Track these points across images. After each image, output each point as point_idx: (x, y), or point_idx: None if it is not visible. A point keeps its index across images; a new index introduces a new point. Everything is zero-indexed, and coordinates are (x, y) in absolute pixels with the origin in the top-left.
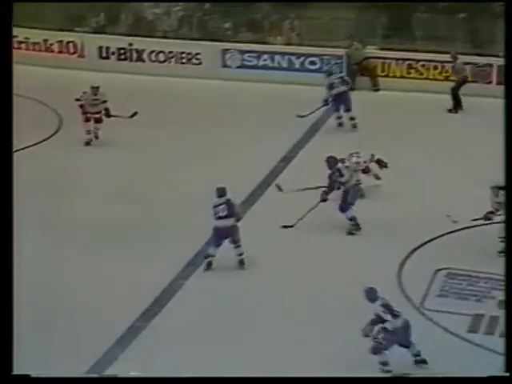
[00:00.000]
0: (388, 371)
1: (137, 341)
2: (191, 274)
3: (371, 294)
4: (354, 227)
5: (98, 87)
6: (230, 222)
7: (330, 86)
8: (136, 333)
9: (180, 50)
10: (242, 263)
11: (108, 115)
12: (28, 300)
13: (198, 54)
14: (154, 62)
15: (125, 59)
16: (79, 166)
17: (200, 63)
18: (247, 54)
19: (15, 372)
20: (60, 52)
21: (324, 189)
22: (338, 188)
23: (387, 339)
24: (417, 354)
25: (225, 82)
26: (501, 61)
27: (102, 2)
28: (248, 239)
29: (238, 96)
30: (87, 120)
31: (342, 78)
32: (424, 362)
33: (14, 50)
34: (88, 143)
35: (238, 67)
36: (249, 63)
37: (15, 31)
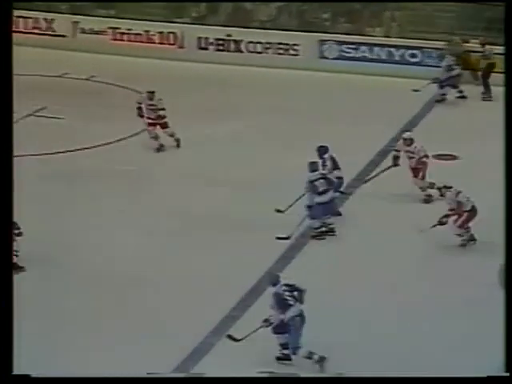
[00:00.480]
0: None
1: (233, 330)
2: (285, 265)
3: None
4: None
5: (153, 92)
6: (328, 196)
7: (448, 68)
8: (232, 322)
9: (277, 40)
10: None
11: (163, 126)
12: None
13: (295, 44)
14: (251, 52)
15: (223, 50)
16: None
17: (297, 54)
18: (345, 46)
19: (15, 372)
20: (161, 43)
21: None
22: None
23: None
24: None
25: (322, 74)
26: None
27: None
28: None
29: (335, 88)
30: (151, 125)
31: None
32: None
33: (115, 42)
34: (159, 149)
35: (336, 58)
36: (347, 55)
37: (116, 23)
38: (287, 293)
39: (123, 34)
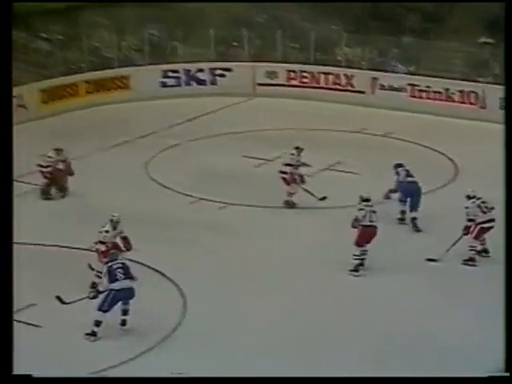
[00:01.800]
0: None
1: None
2: None
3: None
4: None
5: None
6: None
7: None
8: None
9: None
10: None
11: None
12: None
13: None
14: None
15: None
16: None
17: None
18: None
19: (15, 372)
20: (461, 102)
21: None
22: None
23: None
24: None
25: None
26: None
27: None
28: None
29: None
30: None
31: None
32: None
33: (413, 99)
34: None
35: None
36: None
37: (415, 80)
38: (119, 269)
39: (422, 91)
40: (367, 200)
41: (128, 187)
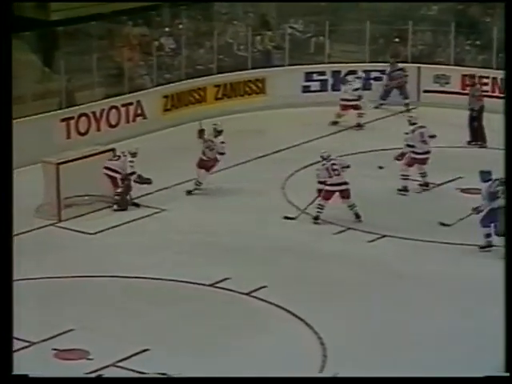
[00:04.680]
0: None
1: None
2: None
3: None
4: None
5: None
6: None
7: None
8: None
9: None
10: None
11: None
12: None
13: None
14: None
15: None
16: None
17: None
18: None
19: (15, 372)
20: None
21: None
22: None
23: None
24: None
25: None
26: None
27: None
28: None
29: None
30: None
31: None
32: None
33: None
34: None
35: None
36: None
37: None
38: (498, 187)
39: None
40: None
41: (261, 211)
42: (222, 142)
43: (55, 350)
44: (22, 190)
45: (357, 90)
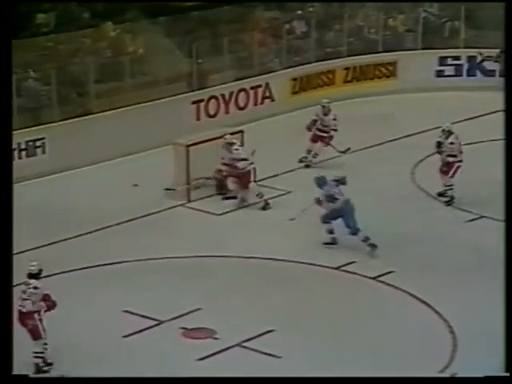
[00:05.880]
0: (333, 238)
1: None
2: None
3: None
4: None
5: None
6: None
7: None
8: None
9: None
10: None
11: None
12: None
13: None
14: None
15: None
16: None
17: None
18: None
19: (15, 372)
20: None
21: None
22: None
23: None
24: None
25: None
26: None
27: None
28: None
29: None
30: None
31: None
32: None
33: None
34: None
35: None
36: None
37: None
38: (334, 189)
39: None
40: None
41: (392, 198)
42: (334, 119)
43: (183, 328)
44: (154, 170)
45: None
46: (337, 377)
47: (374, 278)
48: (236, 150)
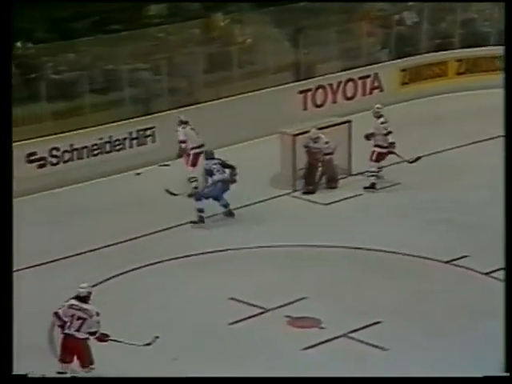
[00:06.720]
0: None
1: None
2: None
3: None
4: None
5: None
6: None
7: None
8: None
9: None
10: None
11: None
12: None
13: None
14: None
15: None
16: None
17: None
18: None
19: (15, 372)
20: None
21: None
22: None
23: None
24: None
25: None
26: None
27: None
28: None
29: None
30: None
31: None
32: (231, 214)
33: None
34: None
35: None
36: None
37: None
38: (216, 166)
39: None
40: None
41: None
42: (383, 123)
43: (288, 317)
44: (260, 159)
45: None
46: (337, 377)
47: (485, 274)
48: (326, 143)
